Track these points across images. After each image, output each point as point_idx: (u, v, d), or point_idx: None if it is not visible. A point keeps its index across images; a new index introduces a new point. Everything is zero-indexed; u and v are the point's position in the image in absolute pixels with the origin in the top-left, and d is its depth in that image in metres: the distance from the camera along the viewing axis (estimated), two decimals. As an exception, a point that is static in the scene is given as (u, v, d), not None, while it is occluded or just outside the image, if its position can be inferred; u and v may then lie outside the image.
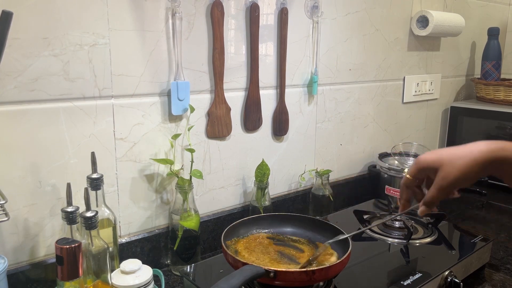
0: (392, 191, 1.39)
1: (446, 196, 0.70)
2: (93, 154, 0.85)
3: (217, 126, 1.11)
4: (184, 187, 0.99)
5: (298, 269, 0.81)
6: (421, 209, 0.74)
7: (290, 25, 1.22)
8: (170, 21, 0.99)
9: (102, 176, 0.86)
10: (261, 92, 1.18)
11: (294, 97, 1.28)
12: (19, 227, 0.86)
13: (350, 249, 0.88)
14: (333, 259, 0.91)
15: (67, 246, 0.65)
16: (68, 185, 0.77)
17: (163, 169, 1.04)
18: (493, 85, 1.79)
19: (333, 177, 1.43)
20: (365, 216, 1.25)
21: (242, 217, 1.03)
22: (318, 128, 1.38)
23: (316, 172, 1.31)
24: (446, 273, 0.99)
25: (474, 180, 0.66)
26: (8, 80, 0.80)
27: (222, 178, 1.16)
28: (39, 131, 0.85)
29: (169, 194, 1.07)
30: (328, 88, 1.38)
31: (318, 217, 1.19)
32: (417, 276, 0.95)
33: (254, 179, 1.16)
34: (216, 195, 1.16)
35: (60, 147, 0.88)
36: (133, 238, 1.01)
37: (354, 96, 1.47)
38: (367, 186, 1.54)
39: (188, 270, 0.97)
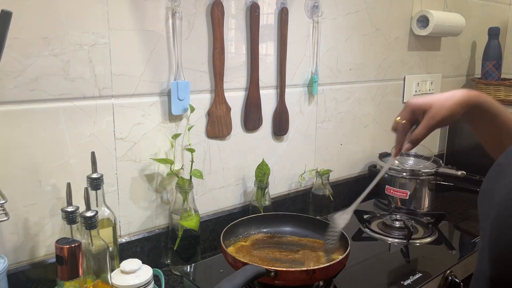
0: (393, 191, 1.39)
1: (429, 133, 0.79)
2: (93, 154, 0.85)
3: (217, 126, 1.11)
4: (184, 187, 0.99)
5: (298, 269, 0.81)
6: (407, 146, 0.81)
7: (290, 25, 1.22)
8: (170, 21, 0.99)
9: (102, 176, 0.86)
10: (261, 92, 1.18)
11: (294, 97, 1.28)
12: (19, 227, 0.86)
13: (349, 248, 0.88)
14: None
15: (67, 246, 0.65)
16: (68, 185, 0.77)
17: (163, 169, 1.04)
18: (494, 85, 1.79)
19: (333, 177, 1.43)
20: (365, 216, 1.25)
21: (242, 217, 1.03)
22: (318, 128, 1.38)
23: (316, 172, 1.31)
24: (447, 273, 0.99)
25: (455, 121, 0.77)
26: (8, 80, 0.80)
27: (222, 178, 1.16)
28: (39, 131, 0.85)
29: (169, 194, 1.07)
30: (328, 88, 1.38)
31: (318, 217, 1.19)
32: (417, 276, 0.95)
33: (254, 179, 1.16)
34: (216, 195, 1.16)
35: (60, 147, 0.88)
36: (133, 238, 1.01)
37: (354, 96, 1.47)
38: (367, 186, 1.54)
39: (188, 270, 0.97)
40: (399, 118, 0.82)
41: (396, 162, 0.78)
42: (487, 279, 0.55)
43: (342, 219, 0.90)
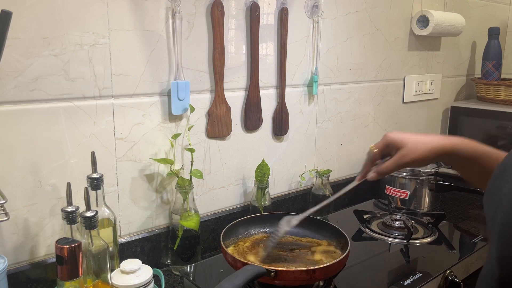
0: (393, 191, 1.39)
1: (396, 170, 0.81)
2: (93, 154, 0.85)
3: (217, 126, 1.11)
4: (184, 187, 0.99)
5: (299, 269, 0.81)
6: (372, 175, 0.84)
7: (290, 25, 1.22)
8: (170, 21, 0.99)
9: (102, 176, 0.86)
10: (261, 92, 1.18)
11: (294, 97, 1.28)
12: (19, 227, 0.86)
13: (349, 248, 0.88)
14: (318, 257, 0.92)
15: (67, 246, 0.65)
16: (68, 185, 0.77)
17: (163, 169, 1.04)
18: (494, 85, 1.79)
19: (333, 177, 1.43)
20: (365, 216, 1.25)
21: (242, 217, 1.03)
22: (318, 128, 1.38)
23: (316, 172, 1.31)
24: (447, 273, 0.99)
25: (426, 164, 0.79)
26: (8, 80, 0.80)
27: (222, 178, 1.16)
28: (39, 131, 0.85)
29: (169, 194, 1.07)
30: (329, 88, 1.38)
31: (318, 217, 1.18)
32: (417, 276, 0.95)
33: (254, 179, 1.16)
34: (216, 195, 1.16)
35: (60, 147, 0.88)
36: (133, 238, 1.01)
37: (354, 96, 1.47)
38: (367, 186, 1.54)
39: (188, 270, 0.97)
40: (373, 146, 0.84)
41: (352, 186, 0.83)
42: (495, 281, 0.54)
43: (288, 223, 0.91)
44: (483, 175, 0.76)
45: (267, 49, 1.19)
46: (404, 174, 1.38)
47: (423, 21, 1.58)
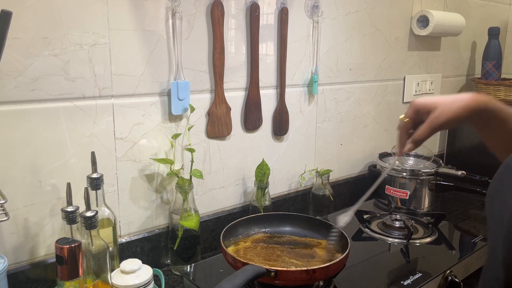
0: (393, 191, 1.39)
1: (431, 134, 0.76)
2: (93, 154, 0.85)
3: (217, 126, 1.11)
4: (184, 187, 0.99)
5: (298, 268, 0.81)
6: (408, 146, 0.80)
7: (290, 24, 1.22)
8: (170, 21, 0.99)
9: (102, 176, 0.86)
10: (261, 92, 1.18)
11: (294, 97, 1.28)
12: (19, 227, 0.86)
13: (349, 248, 0.88)
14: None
15: (67, 246, 0.65)
16: (68, 185, 0.77)
17: (163, 169, 1.04)
18: (494, 85, 1.79)
19: (333, 177, 1.43)
20: (365, 216, 1.25)
21: (242, 217, 1.04)
22: (318, 128, 1.38)
23: (316, 172, 1.31)
24: (447, 273, 0.99)
25: (460, 124, 0.74)
26: (8, 79, 0.80)
27: (222, 178, 1.16)
28: (39, 131, 0.85)
29: (169, 193, 1.07)
30: (328, 88, 1.38)
31: (318, 217, 1.19)
32: (417, 276, 0.95)
33: (254, 179, 1.16)
34: (216, 195, 1.16)
35: (60, 147, 0.88)
36: (133, 238, 1.01)
37: (354, 96, 1.47)
38: (367, 186, 1.53)
39: (188, 270, 0.97)
40: (403, 116, 0.80)
41: (397, 162, 0.77)
42: (500, 284, 0.53)
43: (343, 219, 0.91)
44: (506, 139, 0.73)
45: (267, 49, 1.19)
46: (404, 174, 1.38)
47: (423, 21, 1.58)
